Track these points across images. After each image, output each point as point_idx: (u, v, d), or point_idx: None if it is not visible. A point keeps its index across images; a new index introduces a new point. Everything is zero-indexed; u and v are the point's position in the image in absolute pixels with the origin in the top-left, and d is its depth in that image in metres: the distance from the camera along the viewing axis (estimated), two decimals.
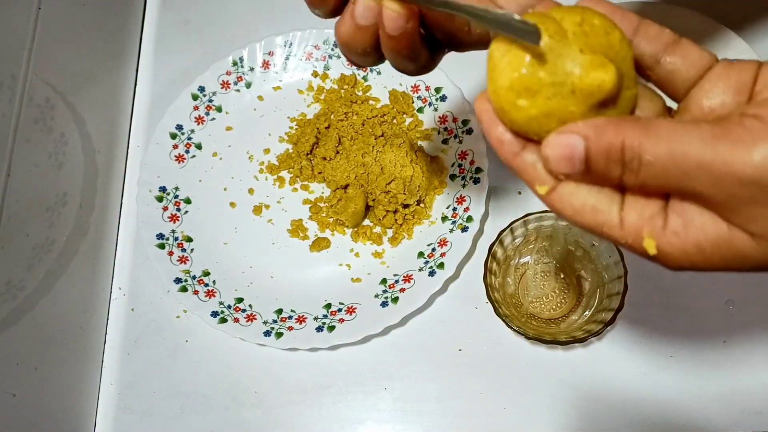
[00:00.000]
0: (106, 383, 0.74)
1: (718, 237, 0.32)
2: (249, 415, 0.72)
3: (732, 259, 0.33)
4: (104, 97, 0.81)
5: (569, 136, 0.33)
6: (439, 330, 0.73)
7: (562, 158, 0.33)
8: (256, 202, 0.79)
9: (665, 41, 0.36)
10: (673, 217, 0.33)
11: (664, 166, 0.31)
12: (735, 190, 0.30)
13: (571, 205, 0.35)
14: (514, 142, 0.36)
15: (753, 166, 0.30)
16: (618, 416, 0.68)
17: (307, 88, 0.84)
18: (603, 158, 0.33)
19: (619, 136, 0.32)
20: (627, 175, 0.33)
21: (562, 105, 0.34)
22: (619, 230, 0.34)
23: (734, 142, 0.30)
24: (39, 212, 0.66)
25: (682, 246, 0.33)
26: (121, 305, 0.77)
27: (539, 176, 0.35)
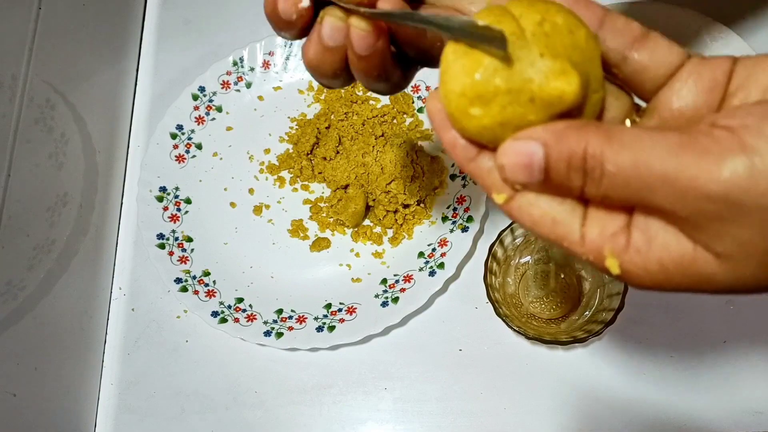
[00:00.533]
0: (107, 383, 0.74)
1: (682, 256, 0.30)
2: (249, 415, 0.72)
3: (696, 280, 0.30)
4: (104, 96, 0.81)
5: (527, 143, 0.31)
6: (439, 330, 0.73)
7: (518, 167, 0.31)
8: (257, 202, 0.79)
9: (633, 35, 0.33)
10: (636, 233, 0.31)
11: (626, 177, 0.29)
12: (700, 206, 0.28)
13: (530, 216, 0.33)
14: (468, 147, 0.33)
15: (720, 182, 0.27)
16: (618, 416, 0.68)
17: (308, 88, 0.84)
18: (564, 167, 0.30)
19: (581, 142, 0.29)
20: (588, 186, 0.30)
21: (520, 114, 0.31)
22: (580, 246, 0.32)
23: (701, 154, 0.28)
24: (39, 212, 0.66)
25: (644, 264, 0.31)
26: (121, 305, 0.77)
27: (496, 184, 0.33)
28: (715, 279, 0.30)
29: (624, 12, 0.78)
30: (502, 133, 0.32)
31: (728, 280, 0.30)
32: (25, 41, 0.65)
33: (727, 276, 0.29)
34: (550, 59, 0.31)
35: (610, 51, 0.33)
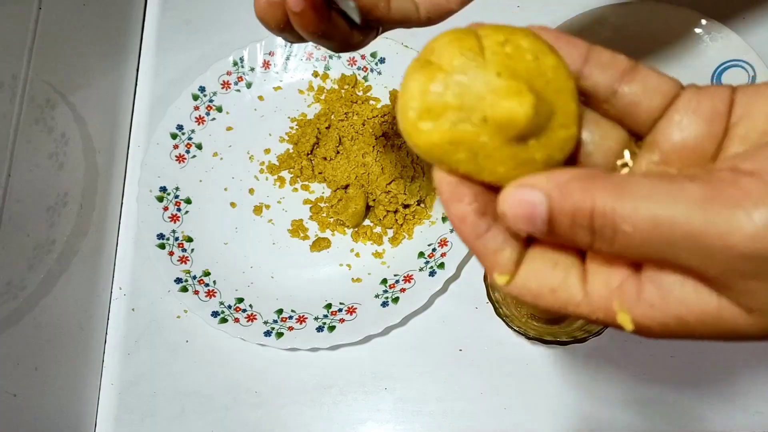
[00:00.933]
0: (107, 383, 0.74)
1: (704, 312, 0.28)
2: (250, 415, 0.72)
3: (721, 332, 0.29)
4: (105, 97, 0.81)
5: (529, 192, 0.29)
6: (439, 330, 0.73)
7: (521, 218, 0.29)
8: (257, 202, 0.79)
9: (620, 68, 0.31)
10: (649, 287, 0.29)
11: (645, 236, 0.27)
12: (732, 265, 0.26)
13: (530, 291, 0.31)
14: (479, 223, 0.31)
15: (755, 238, 0.25)
16: (618, 416, 0.68)
17: (308, 88, 0.84)
18: (568, 222, 0.28)
19: (587, 199, 0.27)
20: (598, 244, 0.28)
21: (472, 133, 0.29)
22: (587, 306, 0.30)
23: (731, 209, 0.25)
24: (40, 212, 0.66)
25: (662, 319, 0.28)
26: (121, 305, 0.77)
27: (500, 264, 0.31)
28: (742, 331, 0.28)
29: (622, 12, 0.78)
30: (454, 153, 0.30)
31: (756, 331, 0.28)
32: (26, 41, 0.65)
33: (755, 328, 0.28)
34: (506, 79, 0.29)
35: (599, 86, 0.32)
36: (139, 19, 0.91)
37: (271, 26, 0.44)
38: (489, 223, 0.31)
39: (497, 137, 0.29)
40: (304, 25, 0.42)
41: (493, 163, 0.30)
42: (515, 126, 0.29)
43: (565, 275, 0.30)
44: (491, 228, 0.31)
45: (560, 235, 0.29)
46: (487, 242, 0.31)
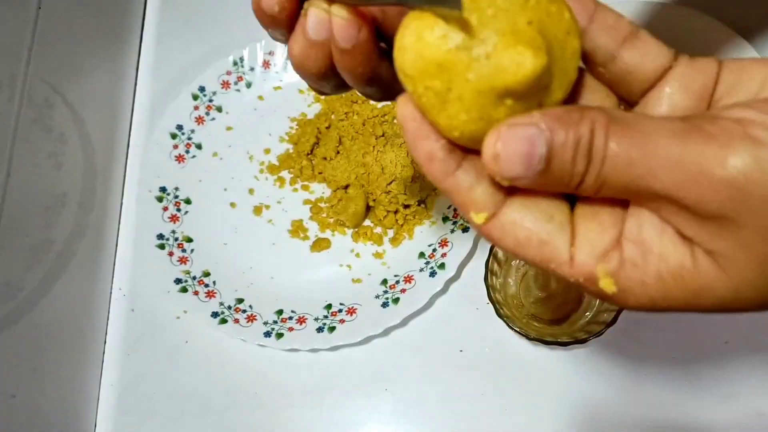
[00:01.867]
0: (106, 384, 0.74)
1: (681, 266, 0.28)
2: (249, 416, 0.71)
3: (695, 292, 0.28)
4: (104, 96, 0.81)
5: (527, 128, 0.27)
6: (440, 331, 0.73)
7: (517, 156, 0.28)
8: (257, 203, 0.79)
9: (623, 33, 0.31)
10: (630, 246, 0.29)
11: (629, 158, 0.27)
12: (703, 192, 0.26)
13: (515, 237, 0.30)
14: (447, 160, 0.30)
15: (726, 167, 0.26)
16: (619, 417, 0.68)
17: (308, 88, 0.83)
18: (570, 152, 0.27)
19: (587, 124, 0.27)
20: (589, 173, 0.28)
21: (463, 65, 0.28)
22: (569, 267, 0.30)
23: (707, 139, 0.26)
24: (38, 212, 0.66)
25: (641, 278, 0.29)
26: (120, 306, 0.77)
27: (476, 201, 0.30)
28: (715, 289, 0.28)
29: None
30: (431, 78, 0.28)
31: (728, 290, 0.28)
32: (25, 40, 0.65)
33: (726, 285, 0.28)
34: (532, 29, 0.28)
35: (599, 49, 0.32)
36: (138, 18, 0.90)
37: (312, 72, 0.36)
38: (459, 160, 0.30)
39: (485, 82, 0.28)
40: (354, 65, 0.35)
41: (459, 106, 0.29)
42: (515, 79, 0.28)
43: (558, 232, 0.30)
44: (462, 164, 0.30)
45: (556, 171, 0.28)
46: (459, 179, 0.30)
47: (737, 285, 0.28)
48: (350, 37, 0.33)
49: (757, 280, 0.28)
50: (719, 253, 0.28)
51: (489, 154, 0.28)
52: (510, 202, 0.30)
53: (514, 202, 0.30)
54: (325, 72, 0.36)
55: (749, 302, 0.28)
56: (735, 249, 0.27)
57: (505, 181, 0.29)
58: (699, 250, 0.28)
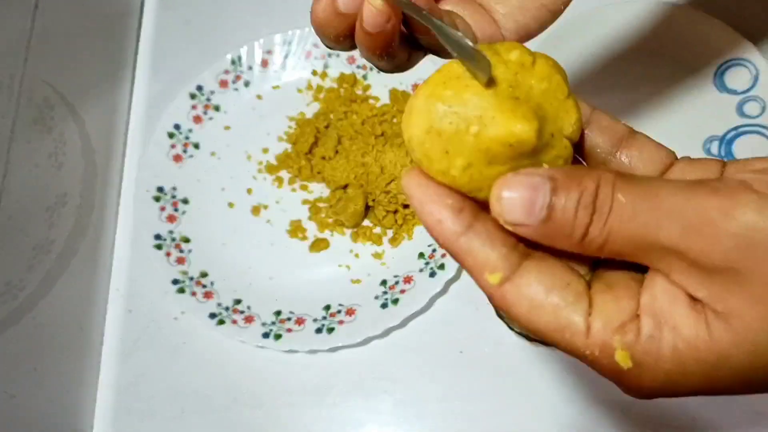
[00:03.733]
0: (105, 385, 0.74)
1: (695, 335, 0.27)
2: (248, 417, 0.71)
3: (712, 364, 0.27)
4: (103, 96, 0.81)
5: (532, 177, 0.28)
6: (439, 331, 0.73)
7: (520, 201, 0.28)
8: (255, 203, 0.79)
9: (619, 135, 0.32)
10: (646, 320, 0.28)
11: (635, 209, 0.27)
12: (710, 244, 0.26)
13: (529, 300, 0.29)
14: (456, 220, 0.29)
15: (732, 218, 0.26)
16: (619, 417, 0.68)
17: (307, 87, 0.83)
18: (573, 202, 0.27)
19: (594, 178, 0.28)
20: (594, 225, 0.28)
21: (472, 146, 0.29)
22: (584, 337, 0.29)
23: (713, 192, 0.27)
24: (38, 212, 0.65)
25: (657, 351, 0.28)
26: (119, 306, 0.77)
27: (489, 262, 0.29)
28: (731, 357, 0.27)
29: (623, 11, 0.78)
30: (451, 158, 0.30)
31: (744, 353, 0.27)
32: (23, 40, 0.64)
33: (741, 348, 0.27)
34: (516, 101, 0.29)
35: (597, 148, 0.32)
36: (136, 18, 0.90)
37: (329, 35, 0.37)
38: (469, 221, 0.30)
39: (480, 145, 0.29)
40: (373, 46, 0.36)
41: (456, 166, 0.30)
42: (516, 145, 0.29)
43: (575, 299, 0.29)
44: (473, 225, 0.30)
45: (558, 221, 0.28)
46: (471, 240, 0.30)
47: (753, 347, 0.27)
48: (378, 24, 0.34)
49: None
50: (730, 312, 0.27)
51: (494, 196, 0.29)
52: (525, 265, 0.30)
53: (529, 265, 0.30)
54: (341, 39, 0.37)
55: (766, 369, 0.28)
56: (744, 304, 0.27)
57: (509, 225, 0.29)
58: (711, 316, 0.27)
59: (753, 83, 0.74)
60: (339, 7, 0.35)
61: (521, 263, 0.30)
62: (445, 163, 0.30)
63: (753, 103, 0.74)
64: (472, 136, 0.29)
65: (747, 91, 0.75)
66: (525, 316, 0.29)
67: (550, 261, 0.30)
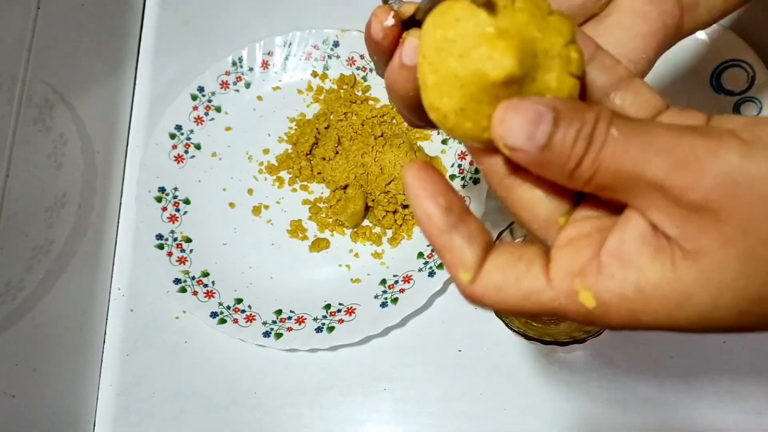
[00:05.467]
0: (106, 384, 0.74)
1: (661, 275, 0.28)
2: (249, 416, 0.71)
3: (675, 302, 0.28)
4: (103, 97, 0.81)
5: (537, 104, 0.29)
6: (439, 331, 0.73)
7: (522, 124, 0.29)
8: (256, 203, 0.79)
9: (618, 75, 0.33)
10: (608, 260, 0.29)
11: (627, 143, 0.28)
12: (694, 181, 0.27)
13: (493, 285, 0.31)
14: (443, 219, 0.31)
15: (717, 157, 0.27)
16: (618, 416, 0.68)
17: (307, 88, 0.84)
18: (573, 132, 0.28)
19: (592, 112, 0.29)
20: (587, 156, 0.28)
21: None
22: (548, 293, 0.30)
23: (701, 135, 0.28)
24: (38, 213, 0.66)
25: (621, 290, 0.29)
26: (120, 306, 0.77)
27: (465, 260, 0.31)
28: (695, 295, 0.28)
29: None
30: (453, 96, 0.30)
31: (708, 293, 0.28)
32: (24, 41, 0.65)
33: (706, 288, 0.28)
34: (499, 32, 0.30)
35: (593, 86, 0.33)
36: (137, 19, 0.90)
37: (402, 94, 0.37)
38: (455, 221, 0.31)
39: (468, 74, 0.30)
40: None
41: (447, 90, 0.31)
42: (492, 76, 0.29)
43: (529, 265, 0.31)
44: (457, 225, 0.31)
45: (556, 149, 0.29)
46: (453, 238, 0.31)
47: (717, 287, 0.28)
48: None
49: (737, 281, 0.28)
50: (699, 251, 0.28)
51: (497, 118, 0.29)
52: (486, 260, 0.31)
53: (488, 258, 0.31)
54: (413, 97, 0.37)
55: (728, 309, 0.28)
56: (715, 244, 0.27)
57: (507, 150, 0.30)
58: (679, 255, 0.28)
59: (749, 84, 0.74)
60: (404, 62, 0.36)
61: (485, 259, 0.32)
62: (445, 108, 0.31)
63: (750, 104, 0.74)
64: (458, 77, 0.30)
65: (743, 93, 0.75)
66: (496, 300, 0.31)
67: (503, 246, 0.32)
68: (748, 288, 0.28)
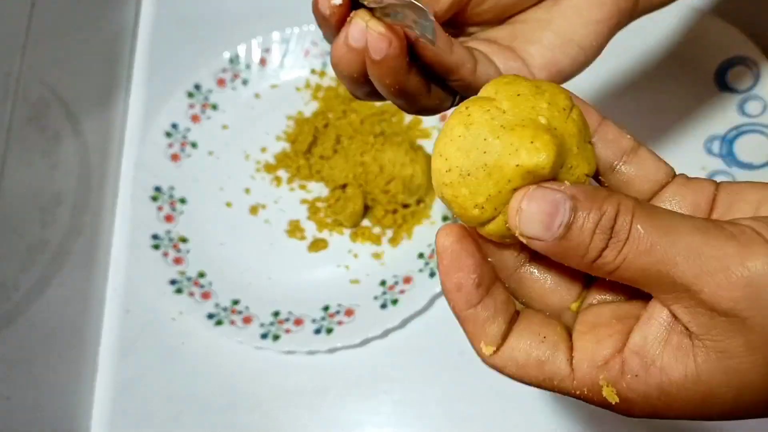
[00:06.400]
0: (101, 386, 0.74)
1: (684, 376, 0.29)
2: (246, 418, 0.71)
3: (701, 401, 0.29)
4: (99, 95, 0.80)
5: (554, 193, 0.29)
6: (439, 332, 0.72)
7: (539, 215, 0.29)
8: (253, 202, 0.78)
9: (623, 147, 0.33)
10: (632, 358, 0.30)
11: (652, 241, 0.28)
12: (720, 288, 0.27)
13: (515, 362, 0.32)
14: (473, 292, 0.32)
15: (744, 266, 0.27)
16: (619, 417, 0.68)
17: (305, 86, 0.83)
18: (592, 224, 0.28)
19: (614, 202, 0.28)
20: (609, 250, 0.28)
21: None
22: (571, 381, 0.31)
23: (728, 237, 0.28)
24: (33, 212, 0.65)
25: (645, 390, 0.29)
26: (116, 307, 0.77)
27: (488, 334, 0.32)
28: (719, 395, 0.29)
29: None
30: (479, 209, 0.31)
31: (731, 390, 0.28)
32: (19, 39, 0.64)
33: (730, 387, 0.28)
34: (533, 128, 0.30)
35: (599, 159, 0.33)
36: (133, 16, 0.90)
37: (345, 74, 0.40)
38: (482, 295, 0.32)
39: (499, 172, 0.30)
40: (382, 76, 0.38)
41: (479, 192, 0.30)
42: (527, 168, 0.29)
43: (553, 349, 0.31)
44: (484, 299, 0.32)
45: (574, 240, 0.29)
46: (478, 312, 0.32)
47: (740, 387, 0.28)
48: (380, 50, 0.37)
49: (760, 384, 0.28)
50: (725, 353, 0.28)
51: (513, 208, 0.29)
52: (510, 334, 0.32)
53: (512, 333, 0.32)
54: (357, 77, 0.40)
55: (750, 407, 0.29)
56: (742, 349, 0.28)
57: (524, 238, 0.29)
58: (702, 354, 0.28)
59: (754, 82, 0.74)
60: (350, 43, 0.38)
61: (510, 333, 0.32)
62: (470, 202, 0.31)
63: (754, 102, 0.74)
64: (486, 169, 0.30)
65: (748, 90, 0.74)
66: (516, 376, 0.32)
67: (529, 320, 0.32)
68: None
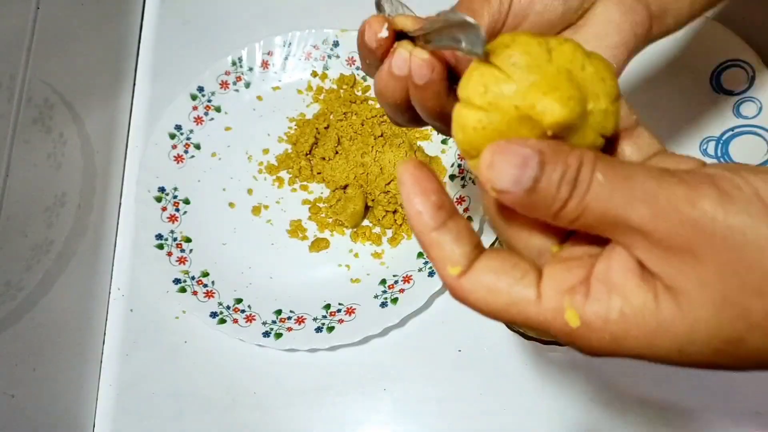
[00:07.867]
0: (105, 384, 0.74)
1: (643, 305, 0.29)
2: (248, 416, 0.71)
3: (653, 331, 0.29)
4: (103, 97, 0.81)
5: (522, 147, 0.29)
6: (438, 331, 0.73)
7: (509, 167, 0.29)
8: (255, 203, 0.79)
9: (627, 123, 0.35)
10: (596, 284, 0.30)
11: (612, 189, 0.29)
12: (673, 228, 0.28)
13: (484, 286, 0.31)
14: (433, 216, 0.32)
15: (695, 206, 0.28)
16: (617, 416, 0.68)
17: (307, 88, 0.84)
18: (557, 177, 0.29)
19: (577, 156, 0.29)
20: (572, 200, 0.29)
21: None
22: (536, 305, 0.31)
23: (680, 181, 0.29)
24: (38, 213, 0.65)
25: (605, 314, 0.30)
26: (119, 306, 0.77)
27: (452, 256, 0.32)
28: (672, 327, 0.29)
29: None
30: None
31: (683, 326, 0.29)
32: (24, 41, 0.64)
33: (683, 322, 0.29)
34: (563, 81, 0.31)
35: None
36: (137, 18, 0.90)
37: (389, 101, 0.41)
38: (444, 218, 0.32)
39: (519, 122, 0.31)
40: (425, 100, 0.40)
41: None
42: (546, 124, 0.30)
43: (523, 274, 0.32)
44: (446, 222, 0.32)
45: (542, 192, 0.30)
46: (441, 235, 0.32)
47: (692, 322, 0.29)
48: (424, 75, 0.38)
49: (711, 319, 0.29)
50: (679, 289, 0.29)
51: (485, 162, 0.30)
52: (479, 258, 0.32)
53: (482, 258, 0.32)
54: (400, 104, 0.41)
55: (702, 345, 0.29)
56: (694, 285, 0.29)
57: (494, 192, 0.30)
58: (661, 289, 0.29)
59: (749, 84, 0.74)
60: (393, 71, 0.39)
61: (477, 259, 0.32)
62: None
63: (749, 104, 0.74)
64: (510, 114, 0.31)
65: (743, 92, 0.75)
66: (483, 301, 0.32)
67: (500, 251, 0.33)
68: (721, 329, 0.29)
